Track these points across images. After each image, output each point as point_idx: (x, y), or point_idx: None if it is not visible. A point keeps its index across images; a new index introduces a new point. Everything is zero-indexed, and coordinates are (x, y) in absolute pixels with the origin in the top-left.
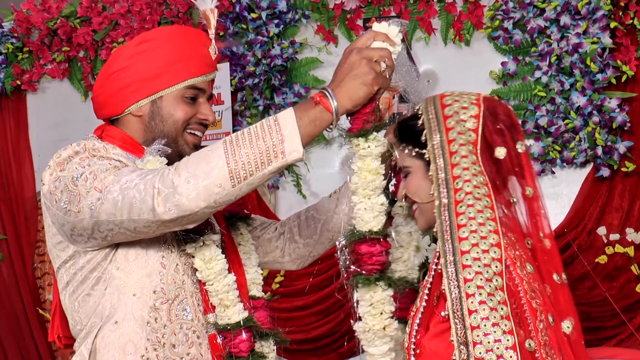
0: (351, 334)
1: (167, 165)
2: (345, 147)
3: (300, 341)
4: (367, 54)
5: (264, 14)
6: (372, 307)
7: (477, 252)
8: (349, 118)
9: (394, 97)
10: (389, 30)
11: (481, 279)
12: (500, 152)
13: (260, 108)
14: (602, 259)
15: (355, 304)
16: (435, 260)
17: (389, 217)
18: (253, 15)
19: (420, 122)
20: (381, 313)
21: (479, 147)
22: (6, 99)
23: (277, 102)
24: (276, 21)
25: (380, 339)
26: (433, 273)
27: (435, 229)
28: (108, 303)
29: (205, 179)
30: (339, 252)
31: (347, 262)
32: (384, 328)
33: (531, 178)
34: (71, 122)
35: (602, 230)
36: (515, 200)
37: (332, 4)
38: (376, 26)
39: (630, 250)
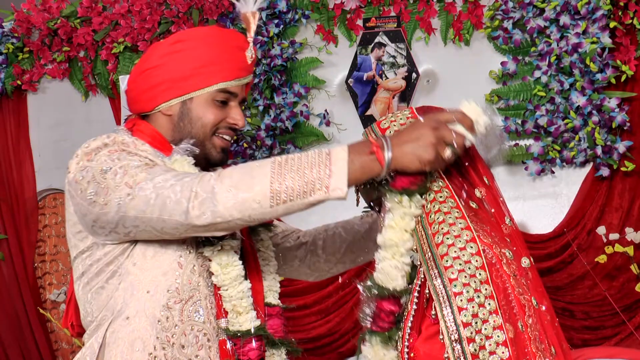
0: (351, 334)
1: (195, 166)
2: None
3: (300, 340)
4: (441, 134)
5: (264, 14)
6: None
7: (455, 252)
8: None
9: (393, 97)
10: (478, 118)
11: (465, 276)
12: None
13: (261, 108)
14: (602, 259)
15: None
16: (421, 269)
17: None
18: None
19: None
20: None
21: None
22: (7, 99)
23: (277, 101)
24: (276, 21)
25: None
26: (422, 276)
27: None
28: (121, 298)
29: (246, 191)
30: (362, 304)
31: (368, 317)
32: None
33: (483, 167)
34: (71, 122)
35: (601, 230)
36: (480, 193)
37: (331, 4)
38: (468, 108)
39: (630, 250)
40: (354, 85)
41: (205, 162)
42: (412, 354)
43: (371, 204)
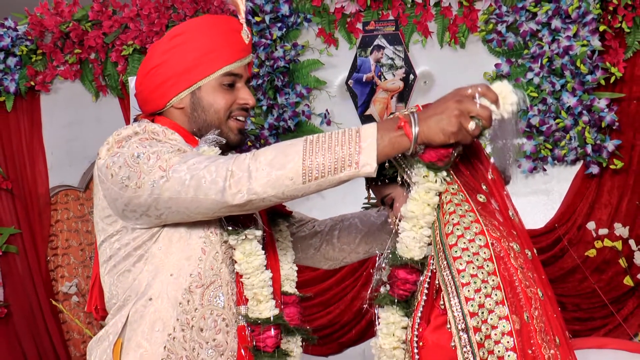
0: (350, 325)
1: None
2: None
3: None
4: (465, 107)
5: (267, 18)
6: (387, 327)
7: (464, 243)
8: (422, 147)
9: (391, 98)
10: (507, 96)
11: (473, 268)
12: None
13: (264, 108)
14: (592, 253)
15: (376, 320)
16: (431, 261)
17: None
18: (257, 18)
19: None
20: (393, 334)
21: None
22: (21, 99)
23: (279, 102)
24: (279, 24)
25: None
26: (432, 268)
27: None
28: (145, 279)
29: (280, 169)
30: (376, 269)
31: (381, 281)
32: (393, 348)
33: (488, 162)
34: (82, 122)
35: (591, 225)
36: (486, 187)
37: (332, 8)
38: (497, 85)
39: (619, 244)
40: (354, 86)
41: (225, 146)
42: (421, 343)
43: (382, 201)
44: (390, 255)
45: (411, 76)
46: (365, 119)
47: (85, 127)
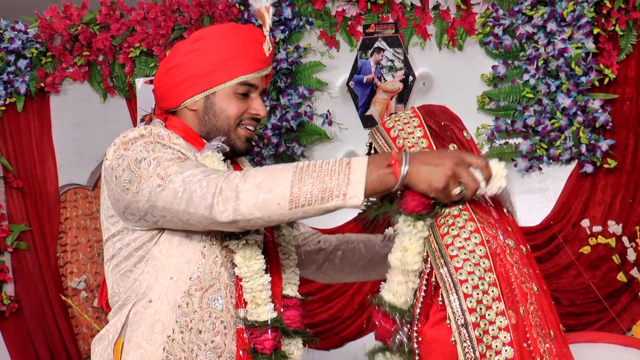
0: (351, 320)
1: (223, 162)
2: (344, 146)
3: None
4: (459, 172)
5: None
6: None
7: (460, 242)
8: (403, 191)
9: (391, 99)
10: (499, 179)
11: (470, 265)
12: (454, 147)
13: (267, 108)
14: (586, 250)
15: None
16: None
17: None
18: (260, 21)
19: (372, 151)
20: None
21: (434, 149)
22: (31, 100)
23: (282, 102)
24: (282, 27)
25: None
26: (429, 266)
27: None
28: (145, 281)
29: (267, 193)
30: (398, 329)
31: (403, 338)
32: None
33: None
34: (91, 122)
35: (585, 223)
36: None
37: (334, 12)
38: (495, 165)
39: (612, 241)
40: (355, 87)
41: (232, 152)
42: (420, 339)
43: (382, 200)
44: (407, 313)
45: (410, 78)
46: (366, 119)
47: (94, 127)
